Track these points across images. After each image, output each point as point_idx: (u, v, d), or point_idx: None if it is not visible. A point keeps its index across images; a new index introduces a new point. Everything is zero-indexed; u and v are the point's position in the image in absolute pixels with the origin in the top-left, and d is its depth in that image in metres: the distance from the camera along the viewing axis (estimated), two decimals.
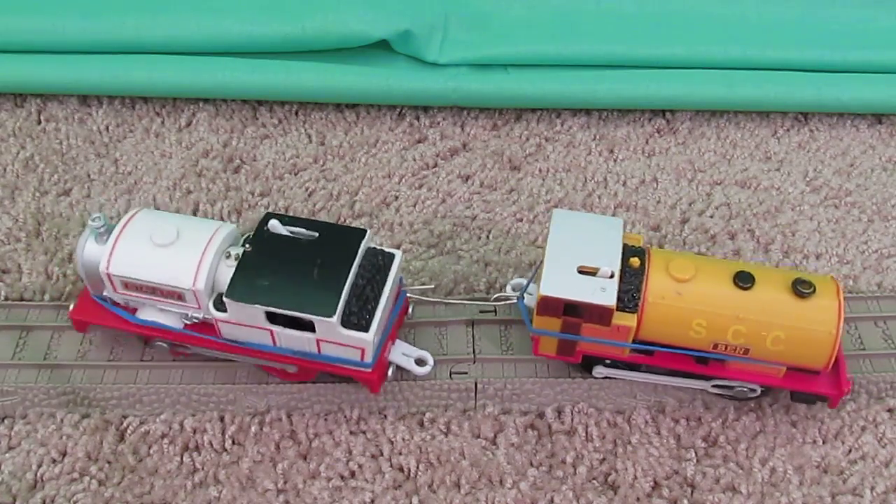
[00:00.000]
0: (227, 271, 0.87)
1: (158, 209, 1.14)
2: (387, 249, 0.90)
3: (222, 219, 1.14)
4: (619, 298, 0.86)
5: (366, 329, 0.85)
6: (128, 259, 0.88)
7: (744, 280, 0.86)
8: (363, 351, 0.87)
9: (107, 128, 1.27)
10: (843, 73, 1.29)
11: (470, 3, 1.34)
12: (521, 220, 1.16)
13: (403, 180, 1.20)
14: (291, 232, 0.89)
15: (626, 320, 0.87)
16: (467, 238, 1.13)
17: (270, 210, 1.15)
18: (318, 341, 0.87)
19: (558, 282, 0.86)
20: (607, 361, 0.93)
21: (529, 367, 0.97)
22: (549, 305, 0.87)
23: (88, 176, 1.20)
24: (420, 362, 0.94)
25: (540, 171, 1.22)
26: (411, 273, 1.08)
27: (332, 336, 0.86)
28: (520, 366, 0.97)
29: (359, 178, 1.20)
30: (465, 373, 0.96)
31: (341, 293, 0.84)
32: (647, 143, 1.27)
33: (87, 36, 1.26)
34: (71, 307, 0.94)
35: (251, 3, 1.28)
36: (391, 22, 1.27)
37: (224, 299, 0.85)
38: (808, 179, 1.22)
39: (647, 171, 1.22)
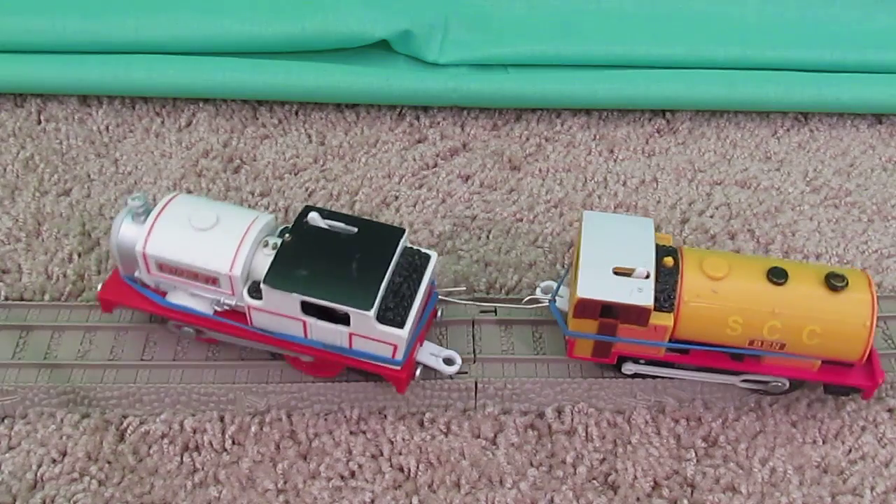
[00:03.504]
0: (263, 259, 0.87)
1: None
2: (423, 250, 0.90)
3: None
4: (655, 298, 0.86)
5: (401, 325, 0.85)
6: (166, 240, 0.88)
7: (777, 276, 0.86)
8: (395, 348, 0.87)
9: (107, 128, 1.27)
10: (843, 73, 1.30)
11: (470, 3, 1.34)
12: (521, 220, 1.16)
13: (403, 180, 1.20)
14: (330, 226, 0.89)
15: (664, 320, 0.87)
16: (467, 238, 1.13)
17: (271, 210, 1.16)
18: (350, 335, 0.87)
19: (595, 284, 0.87)
20: (641, 361, 0.93)
21: (529, 367, 0.97)
22: (586, 308, 0.87)
23: (88, 176, 1.20)
24: (448, 361, 0.94)
25: (540, 171, 1.22)
26: None
27: (365, 331, 0.86)
28: (520, 366, 0.97)
29: (359, 178, 1.20)
30: (465, 373, 0.96)
31: (379, 287, 0.84)
32: (647, 143, 1.27)
33: (87, 36, 1.26)
34: (99, 287, 0.94)
35: (251, 3, 1.28)
36: (391, 22, 1.27)
37: (262, 286, 0.86)
38: (808, 179, 1.22)
39: (647, 171, 1.23)
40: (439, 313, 0.98)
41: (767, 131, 1.29)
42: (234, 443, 0.94)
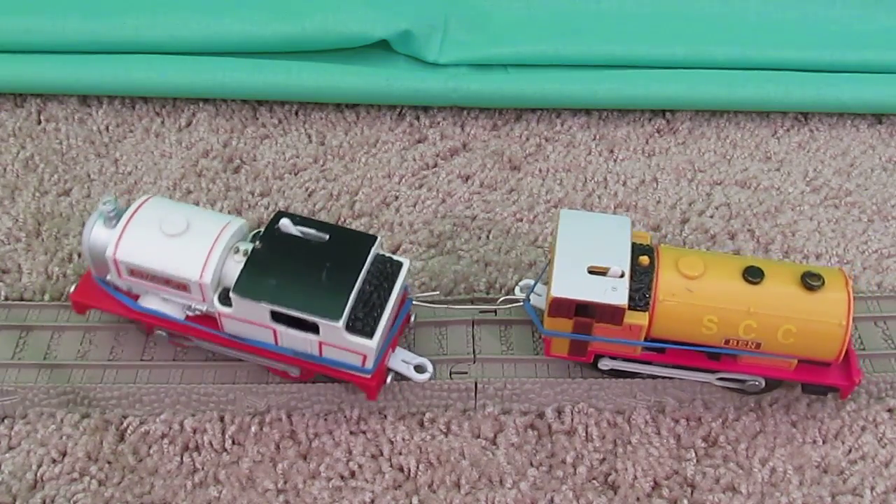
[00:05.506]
0: (234, 266, 0.87)
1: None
2: (395, 258, 0.90)
3: None
4: (630, 297, 0.86)
5: (370, 336, 0.85)
6: (136, 246, 0.88)
7: (753, 275, 0.87)
8: (365, 357, 0.87)
9: (107, 128, 1.27)
10: (843, 73, 1.29)
11: (470, 3, 1.34)
12: (521, 220, 1.16)
13: (403, 180, 1.20)
14: (302, 232, 0.89)
15: (638, 319, 0.87)
16: (467, 238, 1.13)
17: (271, 210, 1.15)
18: (320, 344, 0.87)
19: (569, 283, 0.87)
20: (618, 359, 0.94)
21: (529, 367, 0.97)
22: (560, 307, 0.87)
23: (88, 176, 1.20)
24: (419, 369, 0.95)
25: (540, 171, 1.22)
26: (411, 273, 1.08)
27: (335, 340, 0.86)
28: (520, 366, 0.97)
29: (359, 178, 1.20)
30: (465, 373, 0.96)
31: (348, 297, 0.84)
32: (647, 143, 1.27)
33: (87, 36, 1.26)
34: (72, 289, 0.94)
35: (251, 3, 1.28)
36: (391, 22, 1.27)
37: (230, 295, 0.86)
38: (808, 179, 1.22)
39: (647, 171, 1.22)
40: (413, 318, 0.97)
41: (767, 131, 1.29)
42: (234, 443, 0.94)
